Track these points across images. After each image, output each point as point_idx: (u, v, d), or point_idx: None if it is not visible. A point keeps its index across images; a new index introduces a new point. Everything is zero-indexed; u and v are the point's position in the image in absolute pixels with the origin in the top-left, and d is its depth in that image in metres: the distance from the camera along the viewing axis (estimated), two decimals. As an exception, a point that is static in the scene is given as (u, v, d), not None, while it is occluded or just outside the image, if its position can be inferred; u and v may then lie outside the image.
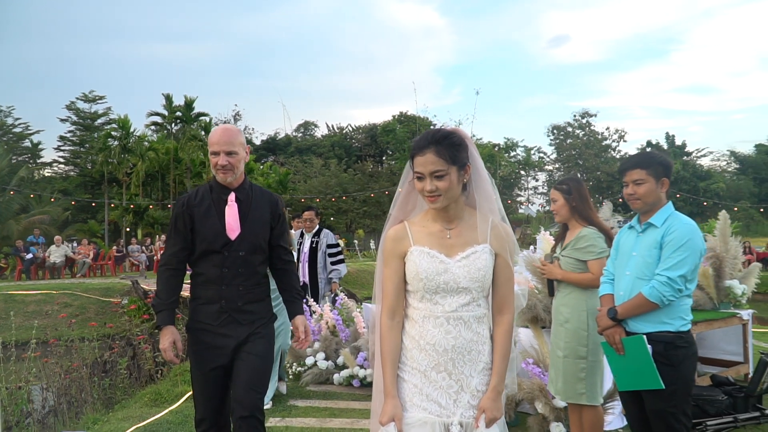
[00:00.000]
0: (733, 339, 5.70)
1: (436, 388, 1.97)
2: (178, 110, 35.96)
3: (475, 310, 2.01)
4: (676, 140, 55.23)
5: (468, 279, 1.98)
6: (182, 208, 2.76)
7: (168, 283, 2.74)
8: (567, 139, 52.46)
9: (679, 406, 2.76)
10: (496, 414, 1.95)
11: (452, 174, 1.96)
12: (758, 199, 50.57)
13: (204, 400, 2.77)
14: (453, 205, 2.02)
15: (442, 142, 1.96)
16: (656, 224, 2.86)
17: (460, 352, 1.98)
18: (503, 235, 2.04)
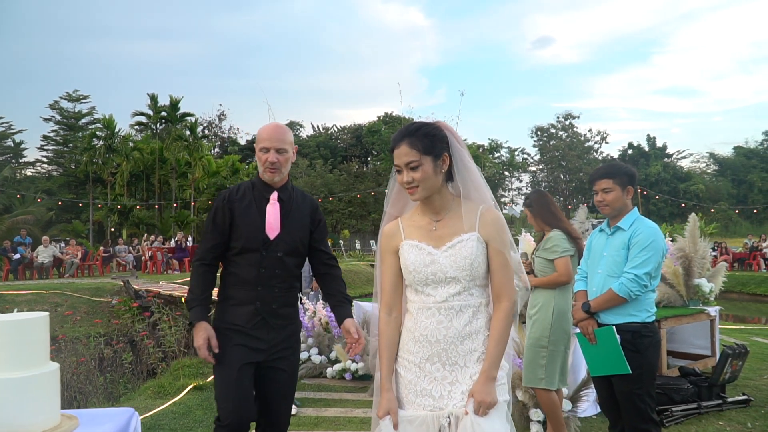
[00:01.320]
0: (702, 334, 6.09)
1: (431, 381, 1.97)
2: (163, 110, 35.95)
3: (468, 300, 2.00)
4: (657, 142, 56.21)
5: (454, 268, 1.98)
6: (222, 202, 2.64)
7: (202, 279, 2.61)
8: (550, 140, 53.14)
9: (644, 388, 3.10)
10: (486, 398, 1.88)
11: (426, 164, 1.98)
12: (736, 200, 51.59)
13: (232, 402, 2.54)
14: (437, 196, 2.04)
15: (415, 134, 2.00)
16: (624, 227, 3.21)
17: (452, 342, 1.97)
18: (492, 222, 2.01)
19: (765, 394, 5.27)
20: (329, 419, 4.63)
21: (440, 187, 2.03)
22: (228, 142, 52.03)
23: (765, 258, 22.79)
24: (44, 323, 1.83)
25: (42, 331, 1.82)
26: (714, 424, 4.48)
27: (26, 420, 1.72)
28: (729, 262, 23.24)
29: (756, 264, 22.68)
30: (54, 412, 1.81)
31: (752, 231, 33.51)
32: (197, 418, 4.63)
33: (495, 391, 1.91)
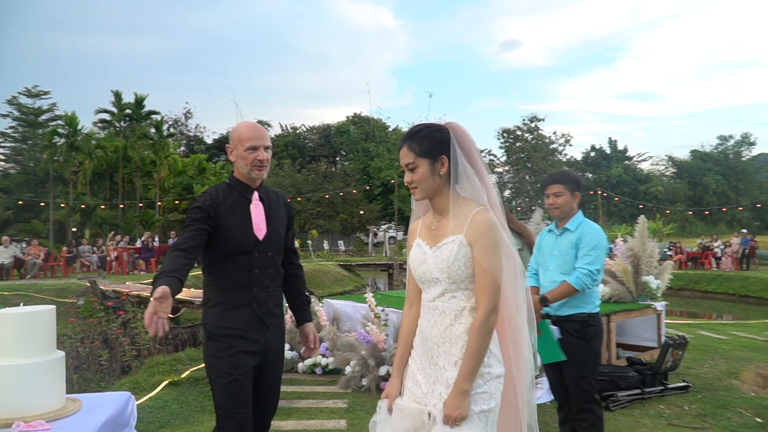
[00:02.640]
0: (649, 327, 6.53)
1: (424, 375, 2.04)
2: (128, 107, 35.54)
3: (450, 302, 2.02)
4: (618, 145, 57.60)
5: (437, 269, 2.01)
6: (208, 202, 2.53)
7: (175, 260, 2.32)
8: (516, 142, 53.93)
9: (590, 372, 3.47)
10: (452, 413, 1.89)
11: (423, 166, 2.02)
12: (692, 202, 53.27)
13: (233, 412, 2.48)
14: (438, 197, 2.07)
15: (414, 137, 2.06)
16: (571, 229, 3.56)
17: (435, 342, 2.02)
18: (476, 226, 1.98)
19: (703, 381, 5.72)
20: (301, 410, 4.87)
21: (440, 188, 2.06)
22: (194, 141, 51.58)
23: (716, 257, 23.78)
24: (51, 315, 2.05)
25: (49, 322, 2.04)
26: (655, 407, 4.90)
27: (36, 402, 1.95)
28: (683, 261, 24.21)
29: (708, 263, 23.65)
30: (60, 395, 2.04)
31: (706, 231, 34.76)
32: (174, 412, 4.83)
33: (465, 405, 1.90)
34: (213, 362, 2.50)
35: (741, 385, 5.71)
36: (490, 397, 1.96)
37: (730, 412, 4.82)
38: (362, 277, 25.22)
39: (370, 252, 34.27)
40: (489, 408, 1.95)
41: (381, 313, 5.81)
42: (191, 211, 2.52)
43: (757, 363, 6.67)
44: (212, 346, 2.52)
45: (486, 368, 1.97)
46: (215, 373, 2.50)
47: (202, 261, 2.62)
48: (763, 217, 54.04)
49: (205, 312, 2.60)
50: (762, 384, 6.03)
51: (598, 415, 3.46)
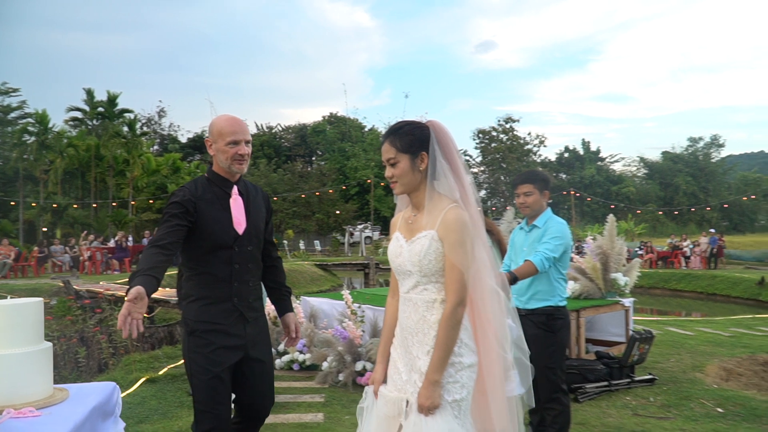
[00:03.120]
0: (617, 323, 6.73)
1: (403, 363, 2.12)
2: (101, 105, 35.06)
3: (422, 294, 2.09)
4: (591, 146, 58.52)
5: (410, 262, 2.08)
6: (187, 197, 2.50)
7: (152, 257, 2.28)
8: (492, 143, 54.42)
9: (557, 363, 3.63)
10: (424, 402, 1.96)
11: (403, 161, 2.09)
12: (663, 202, 54.32)
13: (213, 407, 2.47)
14: (416, 192, 2.14)
15: (396, 133, 2.12)
16: (539, 225, 3.72)
17: (410, 332, 2.10)
18: (447, 222, 2.04)
19: (669, 374, 5.94)
20: (279, 404, 4.95)
21: (419, 183, 2.12)
22: (168, 140, 51.08)
23: (685, 256, 24.34)
24: (39, 307, 2.12)
25: (37, 314, 2.11)
26: (622, 399, 5.08)
27: (25, 390, 2.02)
28: (654, 260, 24.74)
29: (677, 262, 24.21)
30: (48, 384, 2.11)
31: (676, 231, 35.51)
32: (152, 407, 4.87)
33: (436, 395, 1.97)
34: (193, 358, 2.49)
35: (705, 378, 5.94)
36: (462, 386, 2.02)
37: (693, 402, 5.02)
38: (338, 277, 25.26)
39: (347, 252, 34.32)
40: (461, 397, 2.01)
41: (357, 310, 5.91)
42: (169, 206, 2.48)
43: (720, 357, 6.93)
44: (193, 341, 2.50)
45: (457, 358, 2.03)
46: (195, 368, 2.48)
47: (181, 256, 2.59)
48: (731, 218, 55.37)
49: (185, 307, 2.58)
50: (725, 377, 6.27)
51: (564, 404, 3.62)
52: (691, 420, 4.57)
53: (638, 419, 4.56)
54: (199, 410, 2.49)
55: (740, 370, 6.57)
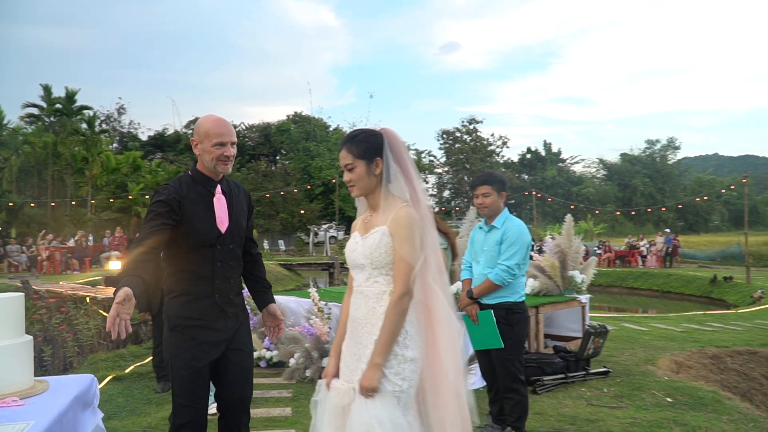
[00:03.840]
0: (574, 318, 7.00)
1: (351, 355, 2.22)
2: (58, 102, 34.29)
3: (373, 286, 2.21)
4: (552, 147, 59.67)
5: (363, 256, 2.23)
6: (172, 195, 2.54)
7: (137, 258, 2.34)
8: (456, 143, 54.95)
9: (515, 354, 3.83)
10: (364, 383, 2.07)
11: (359, 167, 2.24)
12: (622, 203, 55.73)
13: (192, 402, 2.55)
14: (372, 195, 2.29)
15: (352, 140, 2.27)
16: (497, 226, 3.90)
17: (360, 323, 2.21)
18: (397, 219, 2.17)
19: (623, 367, 6.22)
20: (246, 401, 5.04)
21: (375, 186, 2.27)
22: (128, 138, 50.19)
23: (642, 255, 25.09)
24: (21, 302, 2.19)
25: (19, 308, 2.18)
26: (577, 390, 5.33)
27: (8, 381, 2.10)
28: (612, 259, 25.44)
29: (634, 261, 24.94)
30: (29, 375, 2.19)
31: (634, 231, 36.51)
32: (119, 405, 4.91)
33: (377, 377, 2.06)
34: (175, 353, 2.54)
35: (656, 371, 6.24)
36: (403, 379, 2.11)
37: (644, 393, 5.29)
38: (303, 277, 25.26)
39: (311, 252, 34.29)
40: (401, 389, 2.10)
41: (324, 308, 6.02)
42: (154, 204, 2.52)
43: (672, 351, 7.27)
44: (175, 337, 2.55)
45: (401, 349, 2.13)
46: (177, 363, 2.53)
47: (164, 253, 2.62)
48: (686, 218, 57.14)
49: (167, 303, 2.63)
50: (675, 369, 6.60)
51: (523, 393, 3.82)
52: (642, 409, 4.82)
53: (592, 409, 4.79)
54: (178, 403, 2.56)
55: (690, 363, 6.91)
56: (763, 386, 6.79)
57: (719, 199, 56.60)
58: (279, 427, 4.37)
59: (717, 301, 17.17)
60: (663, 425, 4.32)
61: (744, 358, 7.37)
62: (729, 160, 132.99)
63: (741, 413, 4.70)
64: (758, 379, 6.95)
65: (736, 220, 56.43)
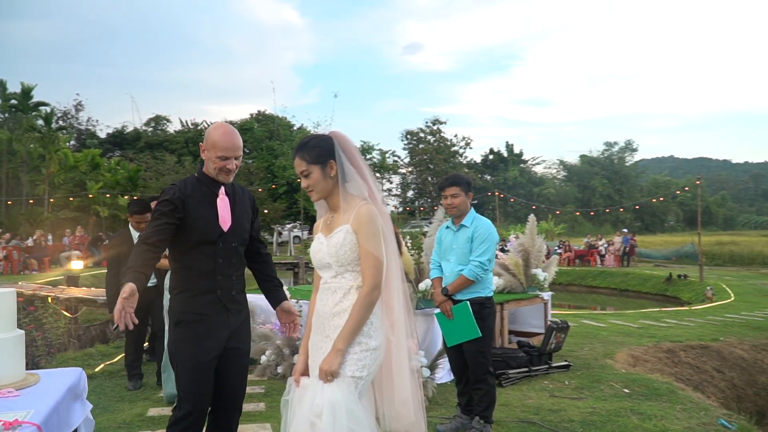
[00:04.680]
0: (537, 315, 7.25)
1: (316, 349, 2.29)
2: (14, 98, 33.43)
3: (340, 282, 2.28)
4: (514, 149, 60.60)
5: (328, 255, 2.29)
6: (176, 195, 2.67)
7: (143, 255, 2.50)
8: (419, 144, 55.31)
9: (486, 347, 4.02)
10: (324, 366, 2.13)
11: (315, 172, 2.30)
12: (581, 203, 56.98)
13: (200, 393, 2.64)
14: (331, 197, 2.35)
15: (303, 147, 2.33)
16: (467, 225, 4.08)
17: (327, 317, 2.28)
18: (360, 216, 2.25)
19: (583, 361, 6.49)
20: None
21: (332, 188, 2.34)
22: (86, 135, 49.09)
23: (600, 255, 25.78)
24: (12, 296, 2.26)
25: (10, 303, 2.25)
26: (540, 383, 5.55)
27: (2, 373, 2.16)
28: (571, 258, 26.05)
29: (593, 260, 25.61)
30: (21, 368, 2.26)
31: (592, 231, 37.41)
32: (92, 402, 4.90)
33: (337, 362, 2.13)
34: (179, 347, 2.64)
35: (614, 364, 6.52)
36: (364, 366, 2.18)
37: (603, 385, 5.54)
38: (268, 276, 25.14)
39: (275, 251, 34.12)
40: (360, 376, 2.17)
41: (295, 305, 6.11)
42: (160, 204, 2.65)
43: (629, 346, 7.59)
44: (179, 332, 2.66)
45: (365, 338, 2.20)
46: (181, 357, 2.64)
47: (169, 250, 2.75)
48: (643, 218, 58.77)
49: (172, 298, 2.74)
50: (632, 363, 6.90)
51: (491, 384, 4.00)
52: (601, 399, 5.07)
53: (555, 400, 5.02)
54: (181, 396, 2.67)
55: (646, 357, 7.24)
56: (714, 378, 7.15)
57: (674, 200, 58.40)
58: (254, 422, 4.46)
59: (672, 299, 17.78)
60: (621, 414, 4.56)
61: (696, 352, 7.75)
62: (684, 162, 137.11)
63: (693, 402, 4.98)
64: (710, 371, 7.32)
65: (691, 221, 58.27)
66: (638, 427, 4.23)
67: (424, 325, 5.51)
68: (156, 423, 4.36)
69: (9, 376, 2.17)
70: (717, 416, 4.64)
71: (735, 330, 9.27)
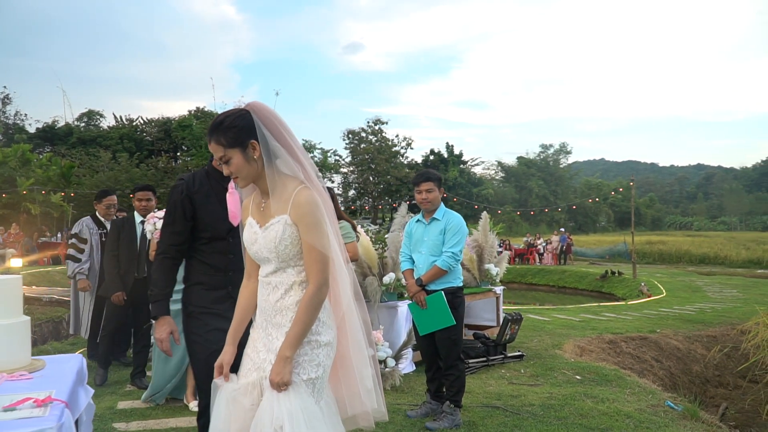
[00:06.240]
0: (489, 308, 7.54)
1: (263, 344, 2.08)
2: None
3: (281, 277, 2.06)
4: (454, 149, 61.65)
5: (266, 249, 2.05)
6: (181, 195, 2.67)
7: (167, 273, 2.65)
8: (361, 144, 55.51)
9: (458, 334, 4.23)
10: (275, 378, 1.93)
11: (235, 156, 2.02)
12: (518, 204, 58.62)
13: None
14: (261, 180, 2.08)
15: (217, 129, 2.04)
16: (439, 218, 4.27)
17: (268, 314, 2.08)
18: (299, 205, 2.01)
19: (534, 352, 6.82)
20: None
21: (260, 171, 2.06)
22: (14, 130, 46.91)
23: (539, 253, 26.67)
24: (19, 282, 2.28)
25: (17, 289, 2.27)
26: (498, 371, 5.82)
27: (11, 358, 2.19)
28: (511, 257, 26.82)
29: (532, 258, 26.47)
30: (28, 353, 2.28)
31: (530, 231, 38.56)
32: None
33: (287, 371, 1.94)
34: (193, 338, 2.67)
35: (563, 354, 6.88)
36: (318, 365, 2.01)
37: (556, 372, 5.86)
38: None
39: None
40: (316, 376, 2.00)
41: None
42: (169, 208, 2.70)
43: (574, 338, 8.00)
44: (191, 323, 2.68)
45: (314, 336, 2.02)
46: (195, 347, 2.67)
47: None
48: (576, 219, 60.94)
49: (185, 291, 2.76)
50: (579, 353, 7.28)
51: (461, 370, 4.21)
52: (556, 386, 5.37)
53: (513, 387, 5.28)
54: (200, 388, 2.71)
55: (591, 348, 7.65)
56: (653, 367, 7.63)
57: (606, 201, 60.86)
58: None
59: (607, 295, 18.63)
60: (576, 398, 4.85)
61: (636, 342, 8.24)
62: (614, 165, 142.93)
63: (641, 387, 5.35)
64: (649, 361, 7.80)
65: (621, 221, 60.84)
66: (594, 409, 4.52)
67: (388, 318, 5.68)
68: (128, 415, 4.35)
69: (18, 360, 2.19)
70: (664, 399, 5.01)
71: (669, 323, 9.88)
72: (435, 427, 4.04)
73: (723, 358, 8.43)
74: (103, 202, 5.84)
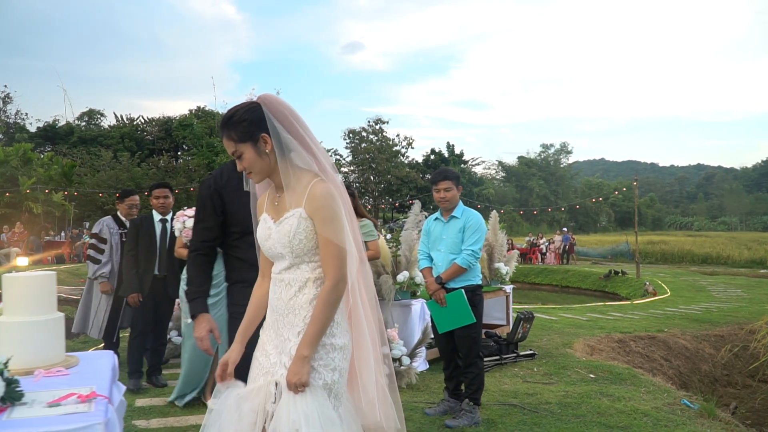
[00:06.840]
0: (499, 307, 7.54)
1: (273, 346, 2.01)
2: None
3: (295, 274, 1.99)
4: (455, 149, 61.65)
5: (280, 244, 1.98)
6: (209, 190, 2.64)
7: (201, 270, 2.62)
8: (362, 143, 55.49)
9: (478, 332, 4.24)
10: (292, 379, 1.86)
11: (247, 151, 1.97)
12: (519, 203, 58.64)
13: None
14: (275, 174, 2.01)
15: (228, 124, 1.98)
16: (458, 216, 4.27)
17: (280, 313, 2.00)
18: (314, 198, 1.94)
19: (545, 350, 6.82)
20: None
21: (274, 165, 1.99)
22: (15, 129, 46.89)
23: (542, 252, 26.68)
24: (53, 279, 2.28)
25: (52, 285, 2.27)
26: (511, 370, 5.83)
27: (47, 354, 2.19)
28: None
29: (535, 258, 26.48)
30: (62, 349, 2.28)
31: (531, 230, 38.57)
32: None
33: (305, 371, 1.86)
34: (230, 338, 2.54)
35: (574, 353, 6.88)
36: (334, 369, 1.94)
37: (569, 371, 5.86)
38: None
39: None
40: (332, 380, 1.93)
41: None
42: (198, 204, 2.69)
43: (583, 337, 7.99)
44: (234, 326, 2.51)
45: (329, 339, 1.95)
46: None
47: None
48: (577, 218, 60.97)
49: (228, 290, 2.75)
50: (589, 352, 7.28)
51: (480, 368, 4.21)
52: (571, 384, 5.37)
53: (528, 385, 5.28)
54: None
55: (601, 347, 7.65)
56: (663, 366, 7.63)
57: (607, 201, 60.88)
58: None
59: (611, 295, 18.62)
60: (592, 396, 4.86)
61: (645, 342, 8.24)
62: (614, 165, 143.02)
63: (655, 386, 5.35)
64: (658, 360, 7.80)
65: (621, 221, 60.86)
66: (611, 408, 4.52)
67: (401, 316, 5.67)
68: (147, 413, 4.35)
69: (54, 356, 2.19)
70: (679, 397, 5.01)
71: (676, 322, 9.88)
72: (455, 424, 4.04)
73: (731, 357, 8.43)
74: (125, 201, 5.80)
